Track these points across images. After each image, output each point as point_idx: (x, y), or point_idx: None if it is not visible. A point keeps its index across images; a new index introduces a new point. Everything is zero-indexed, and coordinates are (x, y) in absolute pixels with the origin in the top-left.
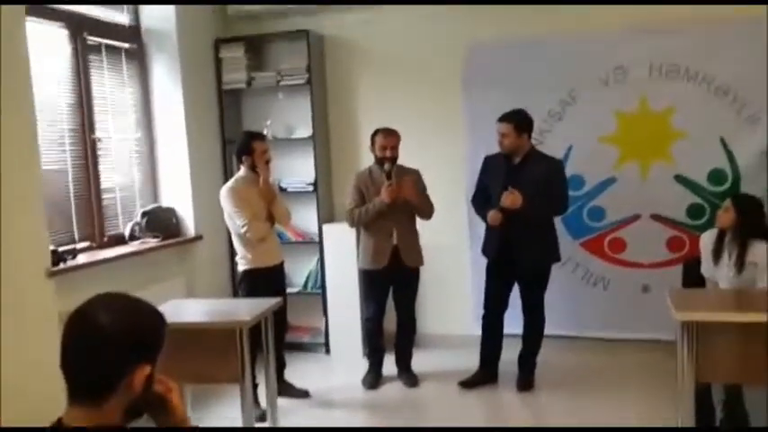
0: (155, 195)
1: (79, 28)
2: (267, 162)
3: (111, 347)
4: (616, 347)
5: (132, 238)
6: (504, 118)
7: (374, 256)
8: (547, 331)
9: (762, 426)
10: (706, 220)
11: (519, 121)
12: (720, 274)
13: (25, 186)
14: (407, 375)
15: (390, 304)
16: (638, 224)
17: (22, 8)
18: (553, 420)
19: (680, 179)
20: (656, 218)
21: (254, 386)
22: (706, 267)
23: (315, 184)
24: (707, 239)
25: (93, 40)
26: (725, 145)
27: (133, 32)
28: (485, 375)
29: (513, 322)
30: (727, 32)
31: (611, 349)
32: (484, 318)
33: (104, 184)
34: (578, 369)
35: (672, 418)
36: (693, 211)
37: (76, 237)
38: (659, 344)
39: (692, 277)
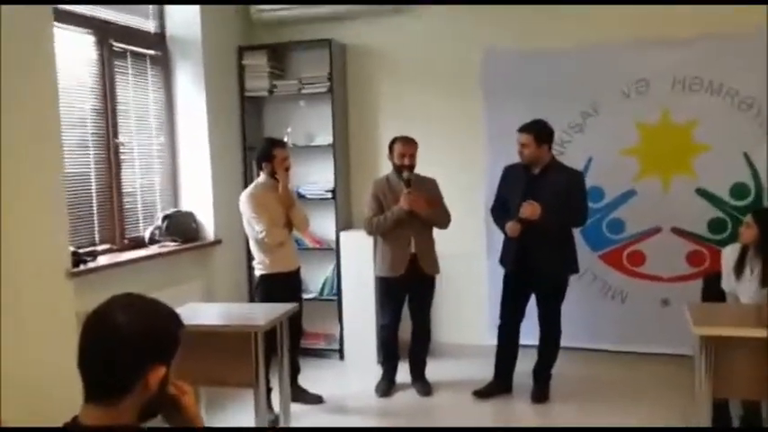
0: (175, 200)
1: (105, 35)
2: (287, 169)
3: (128, 348)
4: (633, 361)
5: (152, 241)
6: (525, 128)
7: (392, 263)
8: (563, 343)
9: None
10: (728, 235)
11: (539, 131)
12: (742, 288)
13: (48, 188)
14: (421, 384)
15: (405, 312)
16: (658, 237)
17: (50, 14)
18: None
19: (701, 193)
20: (677, 231)
21: (268, 391)
22: (727, 282)
23: (333, 192)
24: (729, 254)
25: (118, 46)
26: (748, 159)
27: (158, 39)
28: (499, 386)
29: (529, 333)
30: (751, 45)
31: (628, 363)
32: (500, 328)
33: (126, 187)
34: (594, 382)
35: None
36: (715, 226)
37: (97, 239)
38: (678, 358)
39: (713, 291)
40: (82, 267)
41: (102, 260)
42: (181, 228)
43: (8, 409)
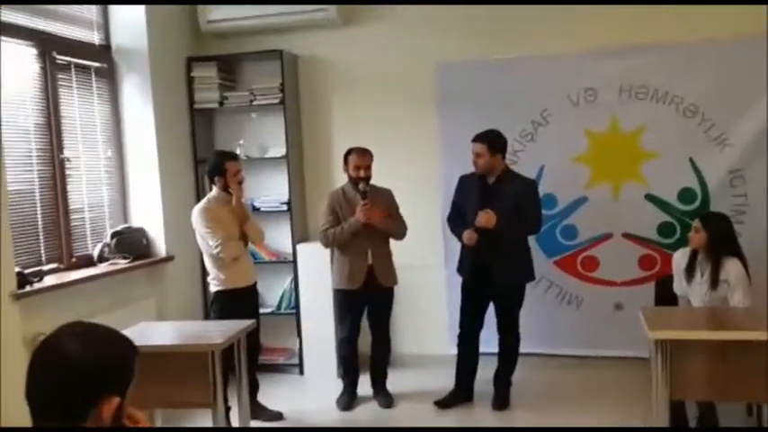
0: (125, 216)
1: (48, 47)
2: (240, 182)
3: (80, 379)
4: (590, 365)
5: (101, 259)
6: (479, 138)
7: (350, 276)
8: (521, 349)
9: None
10: (677, 239)
11: (493, 141)
12: (693, 292)
13: None
14: (383, 396)
15: (364, 324)
16: (610, 243)
17: None
18: None
19: (650, 198)
20: (628, 236)
21: (227, 409)
22: (678, 285)
23: (289, 204)
24: (679, 258)
25: (62, 59)
26: (694, 164)
27: (103, 51)
28: (460, 395)
29: (489, 341)
30: (695, 54)
31: (586, 367)
32: (459, 337)
33: (73, 204)
34: (553, 387)
35: None
36: (664, 230)
37: (44, 258)
38: (632, 361)
39: (665, 295)
40: (28, 288)
41: (49, 280)
42: (131, 244)
43: None
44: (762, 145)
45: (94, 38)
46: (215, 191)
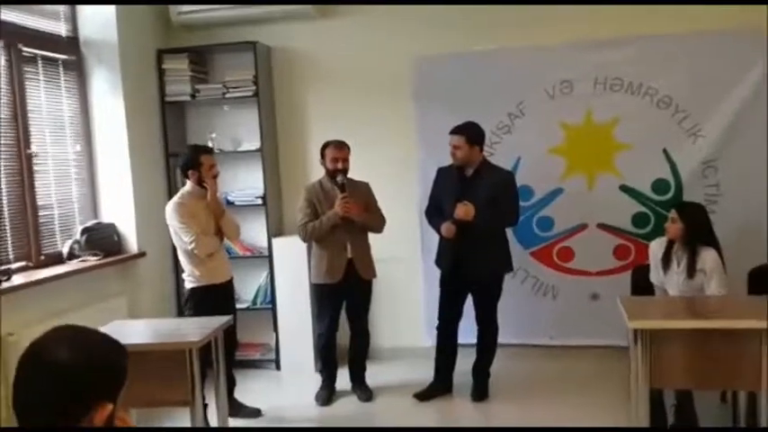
0: (95, 211)
1: (14, 39)
2: (215, 176)
3: (72, 388)
4: (567, 354)
5: (71, 256)
6: (457, 130)
7: (329, 269)
8: (500, 340)
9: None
10: (651, 229)
11: (471, 133)
12: (670, 281)
13: None
14: (362, 389)
15: (342, 318)
16: (585, 233)
17: None
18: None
19: (625, 189)
20: (603, 227)
21: (204, 407)
22: (655, 275)
23: (264, 198)
24: (656, 248)
25: (28, 51)
26: (667, 155)
27: (71, 43)
28: (439, 387)
29: (467, 333)
30: (668, 46)
31: (563, 356)
32: (438, 329)
33: (41, 200)
34: (531, 377)
35: (625, 422)
36: (638, 220)
37: (11, 256)
38: (609, 350)
39: (641, 284)
40: None
41: (18, 279)
42: (102, 241)
43: None
44: (733, 136)
45: (62, 29)
46: (189, 185)
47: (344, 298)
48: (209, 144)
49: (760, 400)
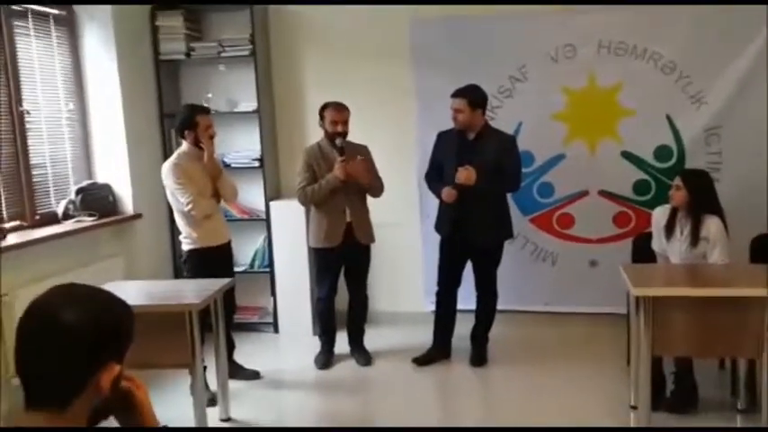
0: (89, 171)
1: None
2: (211, 137)
3: (78, 348)
4: (565, 321)
5: (66, 216)
6: (459, 93)
7: (328, 234)
8: (498, 306)
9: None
10: (652, 196)
11: (473, 96)
12: (672, 249)
13: None
14: (361, 353)
15: (341, 283)
16: (585, 200)
17: None
18: (507, 395)
19: (627, 155)
20: (604, 194)
21: (203, 369)
22: (657, 242)
23: (261, 160)
24: (659, 215)
25: (18, 5)
26: (670, 121)
27: None
28: (438, 352)
29: (466, 298)
30: (675, 11)
31: (560, 323)
32: (437, 295)
33: (34, 159)
34: (530, 343)
35: (623, 389)
36: (640, 188)
37: (5, 216)
38: (607, 317)
39: (642, 252)
40: None
41: (13, 238)
42: (97, 201)
43: None
44: (737, 103)
45: None
46: (185, 146)
47: (343, 262)
48: (205, 105)
49: (759, 368)
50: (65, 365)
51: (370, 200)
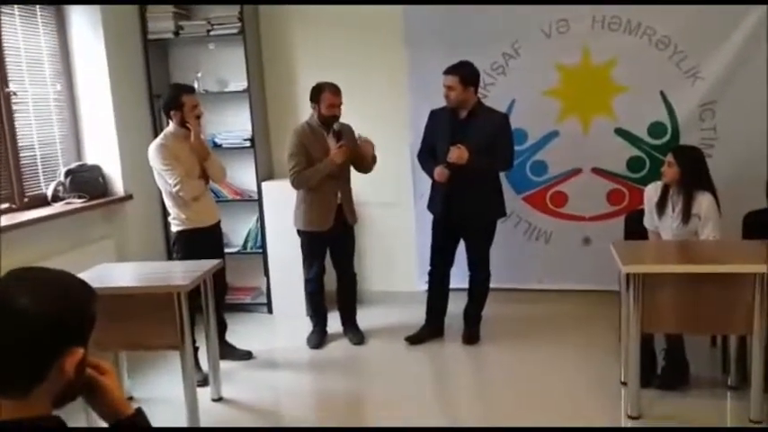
0: (78, 153)
1: None
2: (198, 117)
3: (37, 334)
4: (558, 298)
5: (56, 198)
6: (450, 70)
7: (320, 217)
8: (491, 285)
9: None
10: (646, 173)
11: (465, 73)
12: (664, 225)
13: None
14: (353, 332)
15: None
16: (579, 178)
17: None
18: (500, 373)
19: (620, 132)
20: (597, 171)
21: (195, 349)
22: (649, 219)
23: (252, 140)
24: (651, 192)
25: None
26: (665, 98)
27: None
28: (431, 330)
29: (458, 277)
30: None
31: (553, 300)
32: (430, 274)
33: (22, 141)
34: (522, 321)
35: (615, 366)
36: (633, 164)
37: None
38: (600, 294)
39: (634, 229)
40: None
41: (2, 221)
42: (87, 183)
43: None
44: (732, 78)
45: None
46: (172, 126)
47: (330, 243)
48: (195, 84)
49: (750, 345)
50: (22, 352)
51: (363, 179)
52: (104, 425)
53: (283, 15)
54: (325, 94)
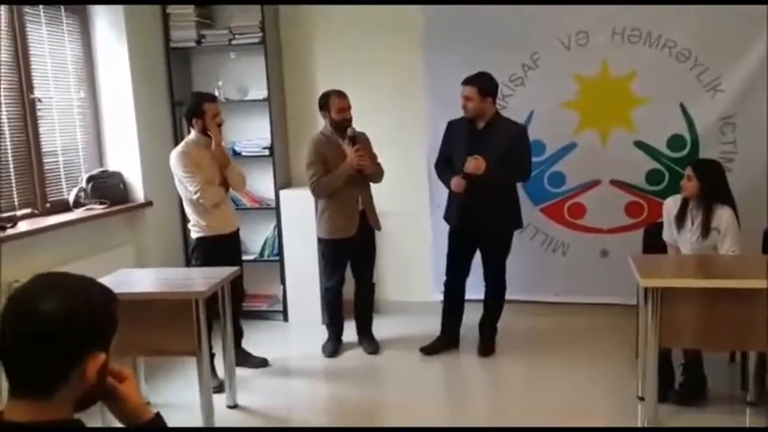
0: (100, 159)
1: None
2: (219, 125)
3: (60, 339)
4: (574, 312)
5: (77, 204)
6: (469, 81)
7: (345, 224)
8: (507, 296)
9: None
10: (665, 186)
11: (483, 84)
12: (683, 239)
13: None
14: (368, 342)
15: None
16: (597, 190)
17: None
18: (515, 385)
19: (639, 145)
20: (616, 183)
21: (211, 356)
22: (668, 233)
23: (271, 148)
24: (670, 205)
25: None
26: (684, 111)
27: None
28: (446, 341)
29: (474, 288)
30: None
31: (570, 314)
32: (445, 284)
33: (45, 147)
34: (538, 334)
35: (632, 381)
36: (652, 177)
37: (16, 203)
38: (617, 308)
39: (653, 242)
40: (1, 234)
41: (24, 226)
42: (108, 189)
43: None
44: (752, 91)
45: None
46: (193, 134)
47: (353, 251)
48: (216, 93)
49: None
50: (45, 355)
51: (380, 188)
52: (120, 425)
53: (304, 25)
54: (333, 100)
